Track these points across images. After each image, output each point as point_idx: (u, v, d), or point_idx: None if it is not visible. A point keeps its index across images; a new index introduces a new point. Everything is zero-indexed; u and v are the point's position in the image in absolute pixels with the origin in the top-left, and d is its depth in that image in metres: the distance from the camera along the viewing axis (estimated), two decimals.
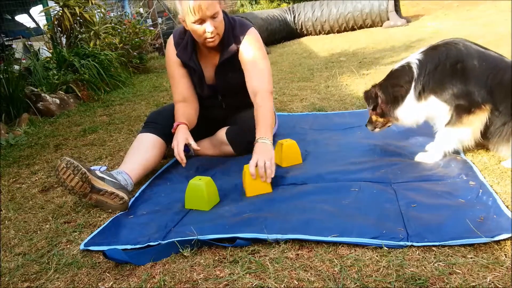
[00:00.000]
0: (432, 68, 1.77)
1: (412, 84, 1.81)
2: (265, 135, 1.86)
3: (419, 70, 1.80)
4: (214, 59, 2.13)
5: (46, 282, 1.34)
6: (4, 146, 2.98)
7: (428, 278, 1.12)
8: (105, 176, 1.79)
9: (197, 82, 2.19)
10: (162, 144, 2.10)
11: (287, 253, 1.31)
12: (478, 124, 1.73)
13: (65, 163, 1.71)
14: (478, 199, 1.49)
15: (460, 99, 1.73)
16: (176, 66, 2.17)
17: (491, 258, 1.18)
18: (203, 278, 1.25)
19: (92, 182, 1.73)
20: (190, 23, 1.90)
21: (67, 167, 1.70)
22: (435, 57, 1.78)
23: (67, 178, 1.70)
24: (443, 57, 1.76)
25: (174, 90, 2.20)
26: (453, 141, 1.81)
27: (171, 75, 2.21)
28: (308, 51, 5.95)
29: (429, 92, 1.79)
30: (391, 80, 1.91)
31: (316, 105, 3.07)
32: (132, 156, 2.01)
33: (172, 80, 2.21)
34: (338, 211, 1.50)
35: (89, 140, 2.90)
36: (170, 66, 2.20)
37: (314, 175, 1.86)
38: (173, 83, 2.20)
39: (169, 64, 2.20)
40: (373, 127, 2.06)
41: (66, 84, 4.19)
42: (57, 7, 4.95)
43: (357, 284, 1.14)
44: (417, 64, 1.81)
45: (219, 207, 1.68)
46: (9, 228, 1.74)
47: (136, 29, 6.12)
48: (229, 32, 2.05)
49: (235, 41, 2.06)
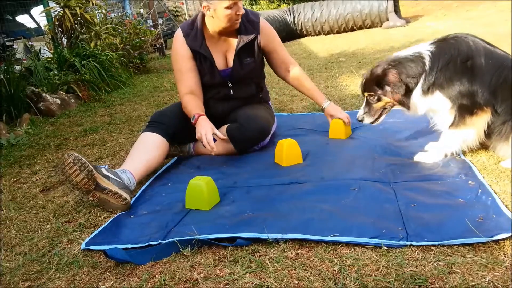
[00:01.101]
0: (444, 64, 1.74)
1: (422, 77, 1.78)
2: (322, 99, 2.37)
3: (431, 64, 1.76)
4: (224, 46, 2.22)
5: (47, 281, 1.34)
6: (5, 146, 2.99)
7: (427, 277, 1.13)
8: (110, 175, 1.80)
9: (208, 70, 2.22)
10: (165, 144, 2.11)
11: (287, 253, 1.32)
12: (481, 125, 1.74)
13: (72, 158, 1.71)
14: (477, 198, 1.49)
15: (464, 98, 1.73)
16: (185, 59, 2.19)
17: (490, 258, 1.18)
18: (204, 277, 1.25)
19: (98, 180, 1.74)
20: (222, 10, 2.02)
21: (74, 163, 1.71)
22: (447, 51, 1.75)
23: (73, 173, 1.70)
24: (455, 53, 1.73)
25: (181, 84, 2.21)
26: (458, 143, 1.81)
27: (178, 68, 2.22)
28: (308, 52, 5.96)
29: (436, 87, 1.77)
30: (404, 69, 1.81)
31: (316, 105, 3.07)
32: (136, 155, 2.01)
33: (179, 74, 2.22)
34: (338, 211, 1.50)
35: (89, 140, 2.91)
36: (177, 60, 2.21)
37: (314, 175, 1.86)
38: (180, 77, 2.21)
39: (177, 58, 2.21)
40: (373, 118, 1.96)
41: (67, 84, 4.20)
42: (58, 8, 4.96)
43: (356, 283, 1.14)
44: (430, 57, 1.77)
45: (219, 207, 1.69)
46: (10, 227, 1.75)
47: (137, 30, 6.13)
48: (243, 16, 2.18)
49: (253, 26, 2.22)
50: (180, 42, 2.20)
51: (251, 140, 2.20)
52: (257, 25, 2.25)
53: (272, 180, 1.87)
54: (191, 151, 2.32)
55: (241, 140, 2.17)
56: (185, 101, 2.17)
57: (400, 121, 2.48)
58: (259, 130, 2.20)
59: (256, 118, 2.21)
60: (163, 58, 7.86)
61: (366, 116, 1.97)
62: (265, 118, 2.26)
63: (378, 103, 1.92)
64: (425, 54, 1.78)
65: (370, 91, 1.90)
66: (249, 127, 2.16)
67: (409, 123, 2.42)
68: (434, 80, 1.76)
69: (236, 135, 2.16)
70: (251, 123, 2.17)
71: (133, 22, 6.32)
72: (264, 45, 2.29)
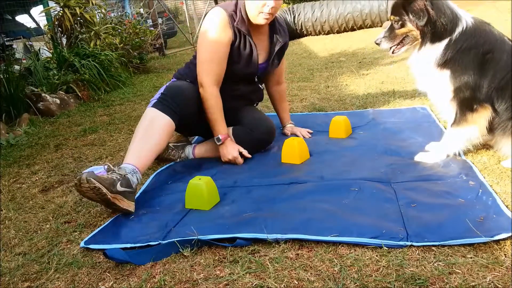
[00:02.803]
0: (467, 47, 1.69)
1: (445, 41, 1.71)
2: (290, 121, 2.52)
3: (459, 36, 1.70)
4: (262, 40, 2.19)
5: (47, 282, 1.34)
6: (5, 146, 2.98)
7: (428, 278, 1.13)
8: (125, 189, 1.66)
9: (247, 57, 2.10)
10: (173, 129, 1.96)
11: (287, 253, 1.31)
12: (483, 122, 1.73)
13: (86, 186, 1.56)
14: (478, 199, 1.49)
15: (468, 90, 1.71)
16: (225, 43, 2.03)
17: (490, 258, 1.18)
18: (203, 277, 1.25)
19: (112, 200, 1.61)
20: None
21: (91, 188, 1.57)
22: (477, 36, 1.69)
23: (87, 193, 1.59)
24: (481, 42, 1.69)
25: (212, 68, 2.03)
26: (461, 141, 1.80)
27: (214, 50, 2.02)
28: (308, 51, 5.95)
29: (449, 67, 1.73)
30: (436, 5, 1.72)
31: (316, 105, 3.07)
32: (144, 144, 1.85)
33: (214, 56, 2.02)
34: (338, 211, 1.50)
35: (89, 140, 2.90)
36: (217, 41, 2.01)
37: (314, 174, 1.86)
38: (214, 60, 2.02)
39: (217, 39, 2.01)
40: (392, 44, 1.84)
41: (66, 84, 4.19)
42: (57, 8, 4.95)
43: (357, 284, 1.14)
44: (462, 28, 1.70)
45: (219, 207, 1.68)
46: (10, 228, 1.74)
47: (137, 30, 6.12)
48: (275, 20, 2.19)
49: (283, 31, 2.24)
50: (225, 22, 2.01)
51: (261, 142, 2.20)
52: (287, 32, 2.30)
53: (272, 180, 1.86)
54: (190, 156, 2.26)
55: (252, 144, 2.16)
56: (211, 99, 2.03)
57: (400, 121, 2.48)
58: (268, 132, 2.20)
59: (262, 120, 2.21)
60: (163, 58, 7.85)
61: (385, 40, 1.84)
62: (269, 119, 2.26)
63: (401, 29, 1.79)
64: (462, 21, 1.72)
65: (396, 14, 1.78)
66: (258, 130, 2.16)
67: (409, 123, 2.43)
68: (451, 58, 1.71)
69: (245, 139, 2.15)
70: (259, 126, 2.17)
71: (133, 22, 6.31)
72: None
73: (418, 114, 2.58)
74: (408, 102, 2.88)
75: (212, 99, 2.05)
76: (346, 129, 2.34)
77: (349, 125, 2.38)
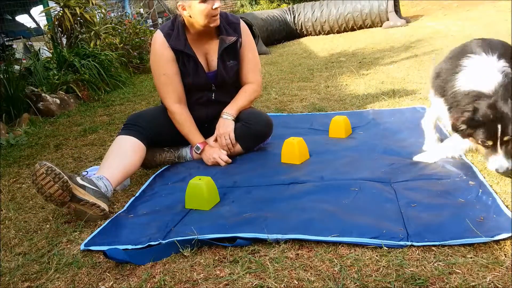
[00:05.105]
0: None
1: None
2: (230, 111, 2.17)
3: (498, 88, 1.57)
4: (205, 48, 2.15)
5: (47, 282, 1.34)
6: (5, 146, 2.98)
7: (428, 278, 1.13)
8: (86, 184, 1.71)
9: (192, 70, 2.13)
10: (142, 148, 2.02)
11: (287, 253, 1.31)
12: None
13: (44, 169, 1.60)
14: (478, 198, 1.49)
15: None
16: (169, 62, 2.10)
17: (490, 258, 1.18)
18: (203, 278, 1.25)
19: (73, 191, 1.64)
20: (197, 6, 1.96)
21: (47, 174, 1.60)
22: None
23: (46, 185, 1.60)
24: None
25: (168, 90, 2.12)
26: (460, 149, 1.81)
27: (162, 73, 2.10)
28: (308, 51, 5.95)
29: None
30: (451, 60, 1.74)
31: (316, 105, 3.07)
32: (112, 160, 1.92)
33: (164, 79, 2.11)
34: (338, 211, 1.50)
35: (89, 140, 2.90)
36: (161, 64, 2.11)
37: (314, 174, 1.86)
38: (166, 82, 2.11)
39: (160, 62, 2.11)
40: None
41: (66, 84, 4.19)
42: (57, 8, 4.95)
43: (357, 284, 1.14)
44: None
45: (219, 207, 1.68)
46: (10, 228, 1.74)
47: (137, 30, 6.12)
48: (222, 18, 2.13)
49: (234, 29, 2.16)
50: (161, 44, 2.09)
51: (259, 135, 2.18)
52: (238, 27, 2.18)
53: (272, 180, 1.86)
54: (189, 157, 2.24)
55: (249, 138, 2.15)
56: (178, 117, 2.12)
57: (401, 121, 2.48)
58: (266, 124, 2.19)
59: (259, 114, 2.21)
60: None
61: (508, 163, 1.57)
62: (266, 113, 2.26)
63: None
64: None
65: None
66: (256, 124, 2.14)
67: (409, 123, 2.42)
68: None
69: (243, 134, 2.14)
70: (256, 118, 2.16)
71: (132, 22, 6.31)
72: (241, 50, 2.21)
73: (418, 114, 2.58)
74: (408, 102, 2.88)
75: (177, 116, 2.13)
76: (346, 129, 2.34)
77: (349, 125, 2.38)
